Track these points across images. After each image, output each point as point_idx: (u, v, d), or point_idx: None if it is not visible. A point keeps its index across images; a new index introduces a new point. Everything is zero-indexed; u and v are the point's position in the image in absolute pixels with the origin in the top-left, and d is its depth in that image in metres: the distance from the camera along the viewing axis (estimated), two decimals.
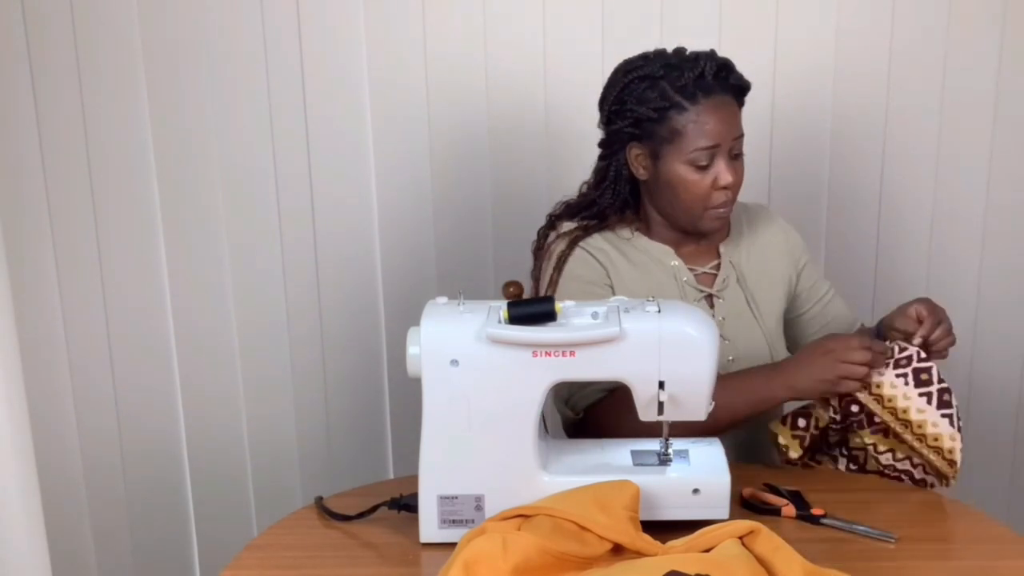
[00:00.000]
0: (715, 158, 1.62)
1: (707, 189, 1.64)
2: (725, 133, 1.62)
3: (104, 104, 2.08)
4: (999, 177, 2.21)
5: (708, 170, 1.63)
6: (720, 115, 1.61)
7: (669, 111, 1.62)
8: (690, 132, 1.61)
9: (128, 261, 2.17)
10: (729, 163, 1.63)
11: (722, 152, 1.62)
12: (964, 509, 1.50)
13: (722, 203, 1.65)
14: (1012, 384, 2.33)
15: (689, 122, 1.61)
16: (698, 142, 1.61)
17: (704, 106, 1.61)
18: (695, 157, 1.62)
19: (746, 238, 1.78)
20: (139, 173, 2.13)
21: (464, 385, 1.37)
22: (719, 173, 1.63)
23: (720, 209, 1.66)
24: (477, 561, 1.21)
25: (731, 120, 1.63)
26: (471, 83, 2.13)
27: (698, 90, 1.60)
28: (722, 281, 1.73)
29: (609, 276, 1.70)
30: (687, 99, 1.61)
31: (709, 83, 1.61)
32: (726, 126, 1.62)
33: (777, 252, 1.79)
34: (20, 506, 1.71)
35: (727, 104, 1.63)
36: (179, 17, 2.06)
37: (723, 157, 1.63)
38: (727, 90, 1.63)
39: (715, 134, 1.61)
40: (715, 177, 1.63)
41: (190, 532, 2.33)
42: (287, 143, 2.14)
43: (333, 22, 2.10)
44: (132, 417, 2.24)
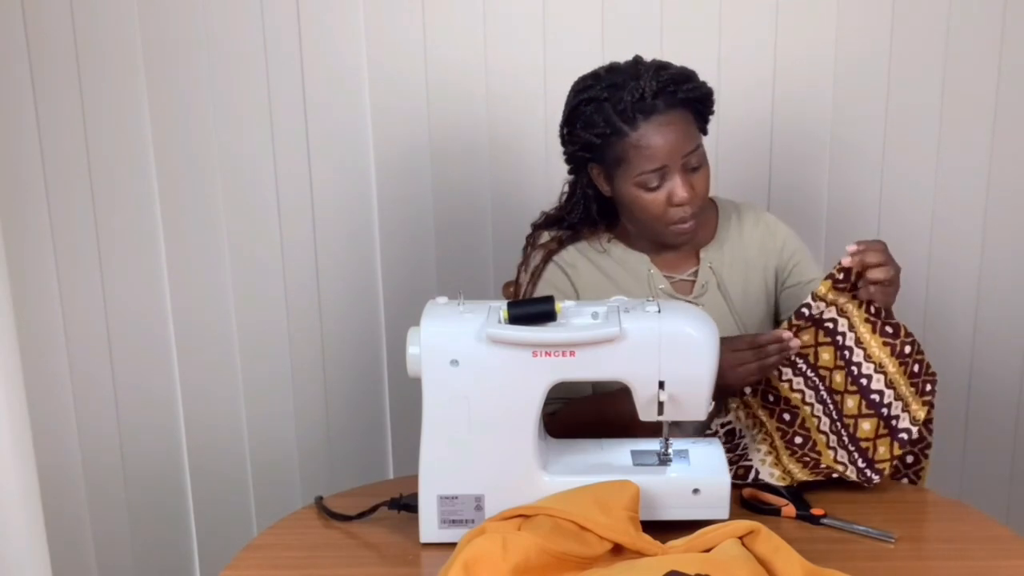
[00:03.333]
0: (667, 176, 1.59)
1: (662, 207, 1.61)
2: (671, 152, 1.58)
3: (104, 104, 2.08)
4: (999, 177, 2.21)
5: (661, 188, 1.60)
6: (663, 135, 1.57)
7: (611, 136, 1.59)
8: (632, 157, 1.59)
9: (128, 261, 2.17)
10: (684, 178, 1.59)
11: (673, 170, 1.59)
12: (964, 509, 1.50)
13: (680, 218, 1.62)
14: (1012, 384, 2.33)
15: (630, 147, 1.58)
16: (642, 166, 1.58)
17: (645, 129, 1.57)
18: (643, 180, 1.60)
19: (731, 241, 1.75)
20: (139, 173, 2.13)
21: (464, 385, 1.37)
22: (672, 190, 1.60)
23: (680, 224, 1.63)
24: (477, 561, 1.21)
25: (678, 137, 1.58)
26: (471, 83, 2.13)
27: (637, 112, 1.56)
28: (700, 287, 1.72)
29: (576, 291, 1.70)
30: (626, 123, 1.57)
31: (649, 103, 1.56)
32: (672, 145, 1.57)
33: (762, 255, 1.75)
34: (20, 506, 1.71)
35: (671, 121, 1.58)
36: (179, 17, 2.06)
37: (676, 173, 1.59)
38: (675, 105, 1.58)
39: (660, 156, 1.57)
40: (669, 194, 1.60)
41: (190, 532, 2.33)
42: (287, 143, 2.14)
43: (333, 22, 2.10)
44: (132, 417, 2.24)
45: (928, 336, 2.30)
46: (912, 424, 1.47)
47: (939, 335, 2.30)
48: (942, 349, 2.30)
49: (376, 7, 2.09)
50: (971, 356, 2.31)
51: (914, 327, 2.26)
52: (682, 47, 2.09)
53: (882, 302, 1.50)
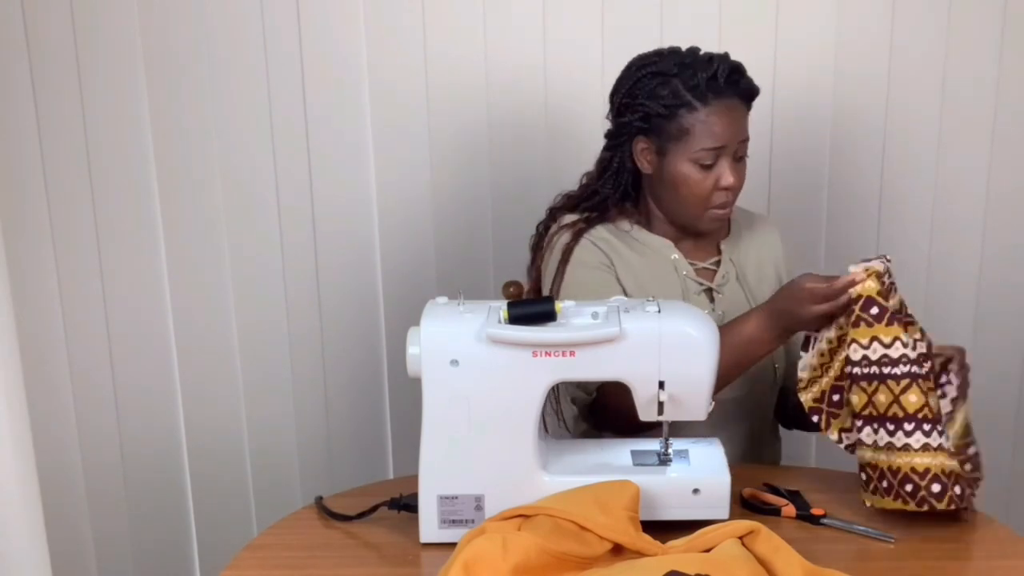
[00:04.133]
0: (719, 159, 1.64)
1: (709, 189, 1.65)
2: (731, 136, 1.63)
3: (104, 104, 2.08)
4: (999, 177, 2.21)
5: (711, 170, 1.64)
6: (728, 118, 1.63)
7: (679, 109, 1.63)
8: (697, 131, 1.63)
9: (128, 261, 2.17)
10: (733, 165, 1.65)
11: (727, 154, 1.64)
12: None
13: (722, 203, 1.67)
14: (1012, 384, 2.33)
15: (697, 122, 1.63)
16: (704, 142, 1.63)
17: (713, 107, 1.62)
18: (700, 156, 1.63)
19: (745, 240, 1.80)
20: (139, 173, 2.13)
21: (464, 385, 1.37)
22: (722, 174, 1.64)
23: (719, 210, 1.68)
24: (477, 561, 1.21)
25: (738, 123, 1.65)
26: (471, 83, 2.13)
27: (709, 91, 1.62)
28: (722, 277, 1.74)
29: (613, 264, 1.70)
30: (698, 99, 1.62)
31: (720, 85, 1.62)
32: (733, 129, 1.63)
33: (769, 253, 1.81)
34: (20, 506, 1.72)
35: (736, 107, 1.64)
36: (179, 18, 2.06)
37: (727, 159, 1.64)
38: (737, 94, 1.64)
39: (722, 136, 1.62)
40: (717, 177, 1.64)
41: (190, 532, 2.33)
42: (287, 143, 2.14)
43: (333, 22, 2.10)
44: (132, 417, 2.24)
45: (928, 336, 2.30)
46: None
47: (939, 335, 2.29)
48: None
49: (376, 7, 2.09)
50: (971, 356, 2.31)
51: None
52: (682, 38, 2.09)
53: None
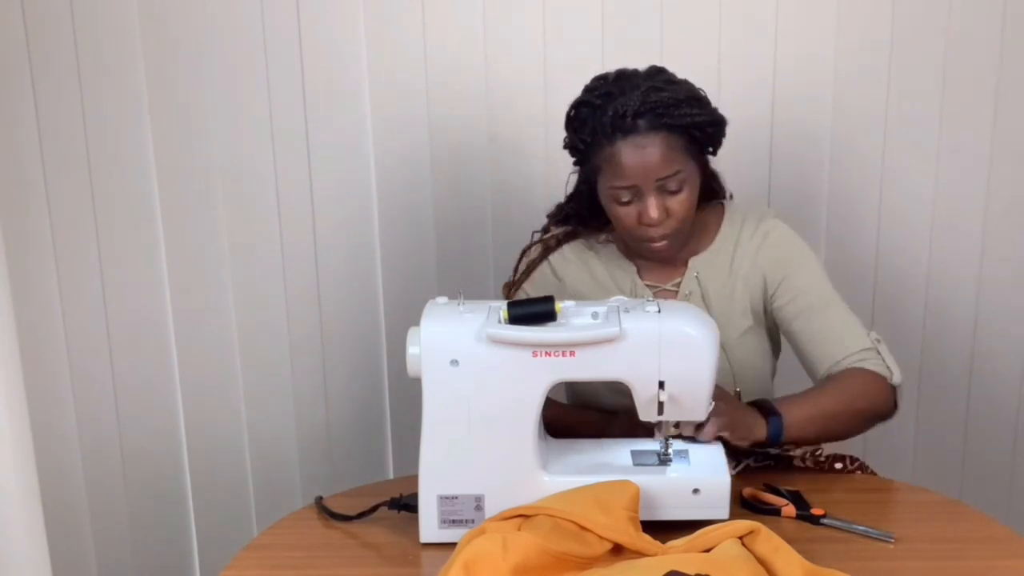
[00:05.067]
0: (639, 194, 1.58)
1: (634, 222, 1.61)
2: (642, 174, 1.55)
3: (104, 104, 2.08)
4: (999, 177, 2.21)
5: (632, 204, 1.59)
6: (637, 156, 1.55)
7: (592, 145, 1.58)
8: (606, 169, 1.58)
9: (128, 261, 2.17)
10: (657, 200, 1.57)
11: (647, 190, 1.57)
12: (964, 509, 1.50)
13: (651, 237, 1.61)
14: (1012, 384, 2.33)
15: (605, 160, 1.57)
16: (613, 180, 1.58)
17: (620, 146, 1.55)
18: (614, 194, 1.59)
19: (726, 251, 1.71)
20: (139, 173, 2.13)
21: (464, 385, 1.37)
22: (643, 210, 1.58)
23: (653, 243, 1.62)
24: (477, 561, 1.21)
25: (653, 161, 1.55)
26: (471, 83, 2.13)
27: (617, 129, 1.54)
28: (683, 296, 1.71)
29: (565, 291, 1.71)
30: (606, 136, 1.56)
31: (629, 123, 1.54)
32: (644, 168, 1.55)
33: (754, 266, 1.70)
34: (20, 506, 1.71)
35: (650, 144, 1.54)
36: (179, 17, 2.06)
37: (650, 194, 1.57)
38: (658, 128, 1.54)
39: (630, 175, 1.56)
40: (639, 212, 1.59)
41: (190, 532, 2.33)
42: (287, 143, 2.14)
43: (333, 22, 2.10)
44: (132, 417, 2.24)
45: (928, 336, 2.30)
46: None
47: (939, 335, 2.30)
48: (942, 349, 2.30)
49: (376, 7, 2.09)
50: (971, 356, 2.31)
51: (914, 327, 2.29)
52: (682, 47, 2.09)
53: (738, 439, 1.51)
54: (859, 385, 1.62)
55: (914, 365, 2.30)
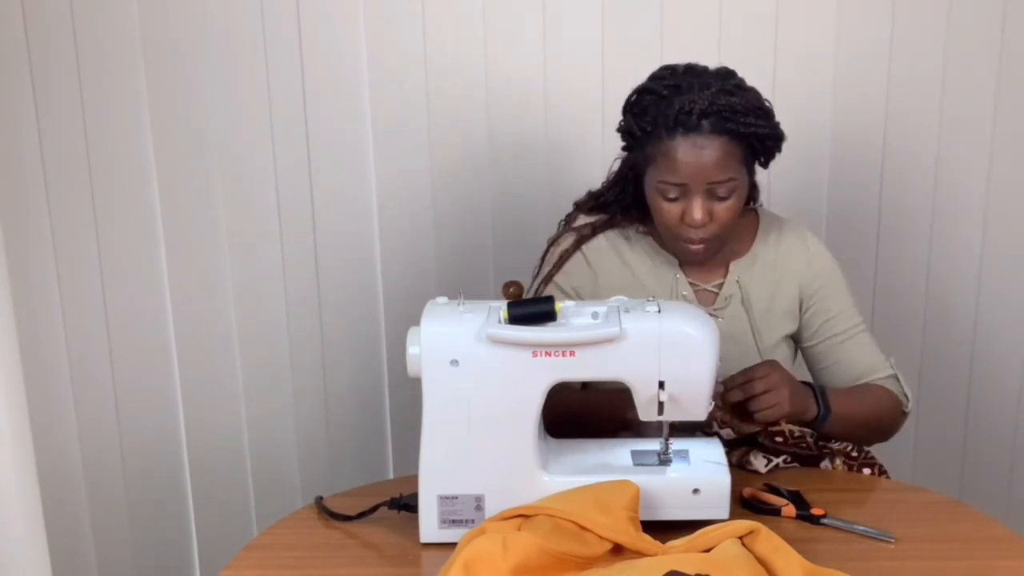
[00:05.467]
0: (687, 193, 1.56)
1: (676, 220, 1.59)
2: (695, 174, 1.54)
3: (104, 104, 2.08)
4: (999, 177, 2.21)
5: (678, 202, 1.58)
6: (693, 155, 1.53)
7: (651, 135, 1.56)
8: (660, 162, 1.56)
9: (128, 261, 2.17)
10: (704, 202, 1.56)
11: (694, 191, 1.55)
12: (964, 509, 1.50)
13: (688, 238, 1.60)
14: (1012, 384, 2.33)
15: (659, 153, 1.55)
16: (665, 175, 1.56)
17: (679, 142, 1.53)
18: (662, 188, 1.58)
19: (766, 258, 1.71)
20: (139, 173, 2.13)
21: (464, 385, 1.37)
22: (688, 209, 1.57)
23: (690, 244, 1.61)
24: (477, 561, 1.21)
25: (709, 164, 1.53)
26: (471, 83, 2.13)
27: (679, 124, 1.53)
28: (724, 300, 1.70)
29: (598, 289, 1.69)
30: (666, 129, 1.54)
31: (693, 121, 1.52)
32: (698, 169, 1.53)
33: (793, 274, 1.71)
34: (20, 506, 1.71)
35: (709, 146, 1.53)
36: (179, 17, 2.06)
37: (697, 195, 1.55)
38: (720, 131, 1.53)
39: (682, 173, 1.54)
40: (684, 211, 1.58)
41: (190, 532, 2.33)
42: (287, 143, 2.14)
43: (333, 22, 2.10)
44: (132, 417, 2.24)
45: (928, 336, 2.30)
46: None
47: (939, 335, 2.30)
48: (942, 349, 2.30)
49: (376, 7, 2.09)
50: (971, 356, 2.31)
51: (914, 327, 2.29)
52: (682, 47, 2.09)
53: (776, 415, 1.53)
54: (887, 404, 1.70)
55: (914, 365, 2.30)
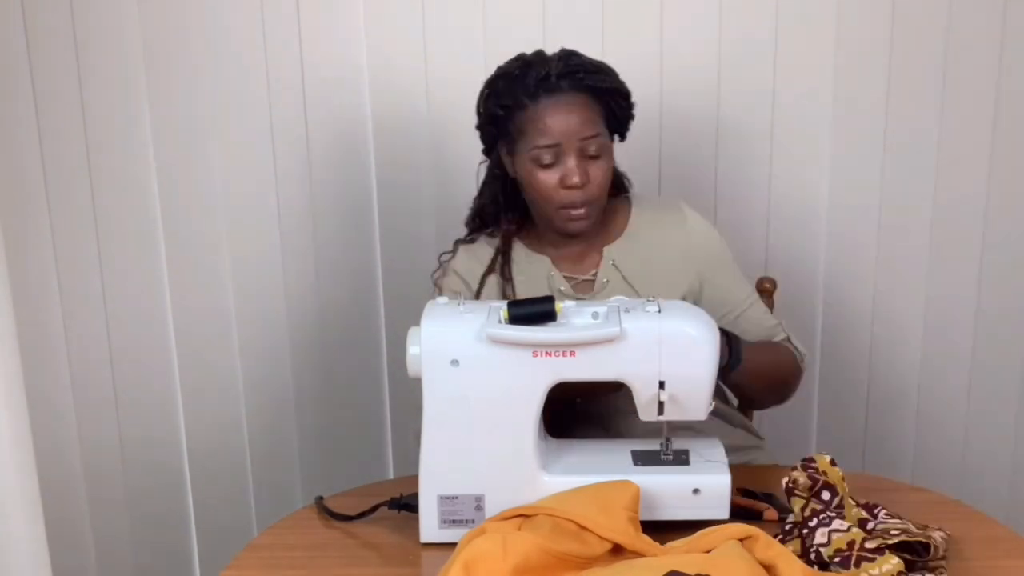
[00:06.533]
0: (562, 156, 1.60)
1: (554, 187, 1.62)
2: (566, 132, 1.59)
3: (104, 104, 2.08)
4: (999, 177, 2.21)
5: (554, 168, 1.61)
6: (562, 114, 1.59)
7: (513, 109, 1.62)
8: (529, 130, 1.61)
9: (128, 261, 2.17)
10: (579, 163, 1.60)
11: (569, 151, 1.60)
12: (964, 509, 1.50)
13: (571, 203, 1.62)
14: (1012, 384, 2.33)
15: (529, 120, 1.61)
16: (537, 139, 1.60)
17: (544, 104, 1.60)
18: (536, 155, 1.61)
19: (640, 236, 1.72)
20: (139, 173, 2.13)
21: (464, 385, 1.37)
22: (565, 172, 1.60)
23: (572, 210, 1.63)
24: (477, 561, 1.21)
25: (575, 120, 1.59)
26: (471, 82, 2.12)
27: (540, 88, 1.59)
28: (601, 284, 1.70)
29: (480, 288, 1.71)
30: (528, 97, 1.60)
31: (553, 83, 1.59)
32: (567, 125, 1.59)
33: (676, 253, 1.71)
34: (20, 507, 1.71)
35: (573, 104, 1.60)
36: (179, 17, 2.06)
37: (571, 155, 1.60)
38: (579, 89, 1.60)
39: (553, 132, 1.59)
40: (561, 175, 1.61)
41: (190, 532, 2.33)
42: (287, 143, 2.14)
43: (333, 22, 2.10)
44: (132, 417, 2.24)
45: (928, 336, 2.30)
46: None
47: (939, 335, 2.30)
48: (942, 349, 2.30)
49: (376, 7, 2.09)
50: (971, 356, 2.31)
51: (913, 328, 2.29)
52: (681, 43, 2.09)
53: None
54: (789, 360, 1.71)
55: (914, 365, 2.31)
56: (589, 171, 1.61)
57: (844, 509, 1.37)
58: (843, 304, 2.27)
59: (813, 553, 1.29)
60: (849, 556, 1.26)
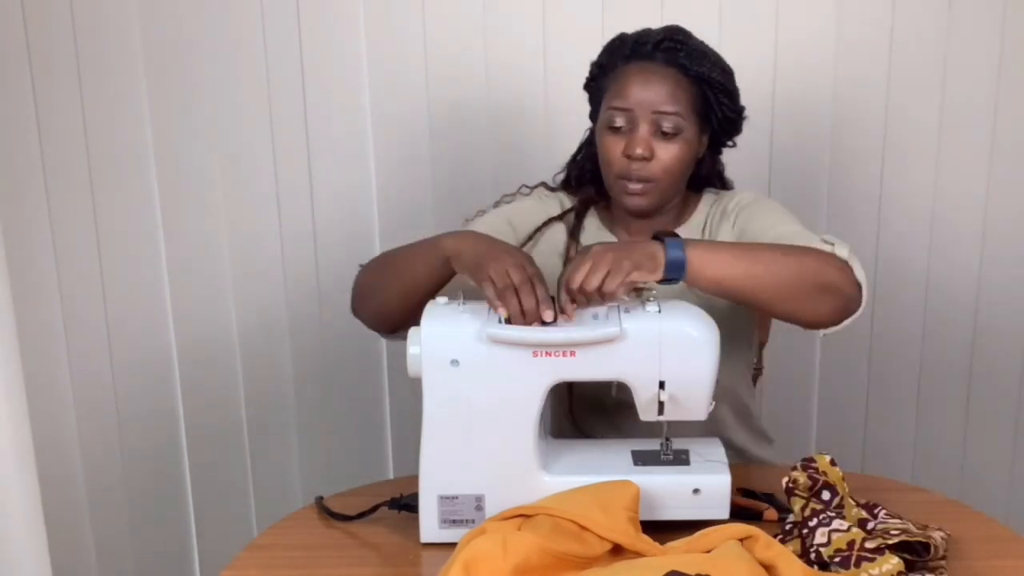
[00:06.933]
0: (634, 125, 1.57)
1: (617, 153, 1.59)
2: (643, 101, 1.56)
3: (104, 104, 2.08)
4: (999, 177, 2.21)
5: (623, 134, 1.58)
6: (642, 80, 1.56)
7: (607, 69, 1.62)
8: (610, 90, 1.60)
9: (128, 261, 2.17)
10: (648, 135, 1.56)
11: (642, 120, 1.56)
12: (964, 509, 1.50)
13: (628, 174, 1.58)
14: (1012, 384, 2.33)
15: (612, 80, 1.60)
16: (613, 100, 1.59)
17: (630, 69, 1.58)
18: (610, 116, 1.59)
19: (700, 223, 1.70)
20: (139, 172, 2.13)
21: (464, 385, 1.37)
22: (630, 140, 1.57)
23: (630, 182, 1.58)
24: (477, 561, 1.21)
25: (657, 92, 1.56)
26: (471, 80, 2.13)
27: (634, 53, 1.58)
28: None
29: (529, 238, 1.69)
30: (622, 59, 1.60)
31: (647, 51, 1.57)
32: (646, 94, 1.56)
33: (725, 229, 1.66)
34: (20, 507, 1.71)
35: (657, 73, 1.56)
36: (179, 17, 2.06)
37: (644, 127, 1.56)
38: (671, 64, 1.56)
39: (631, 98, 1.56)
40: (627, 143, 1.58)
41: (190, 532, 2.33)
42: (287, 141, 2.14)
43: (333, 22, 2.10)
44: (132, 417, 2.24)
45: (928, 335, 2.30)
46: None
47: (939, 335, 2.30)
48: (942, 349, 2.30)
49: (376, 6, 2.09)
50: (971, 355, 2.31)
51: (914, 326, 2.29)
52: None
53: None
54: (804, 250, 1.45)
55: (914, 365, 2.31)
56: (656, 148, 1.57)
57: (844, 509, 1.37)
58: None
59: (813, 553, 1.29)
60: (849, 556, 1.26)
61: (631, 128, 1.58)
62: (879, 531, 1.32)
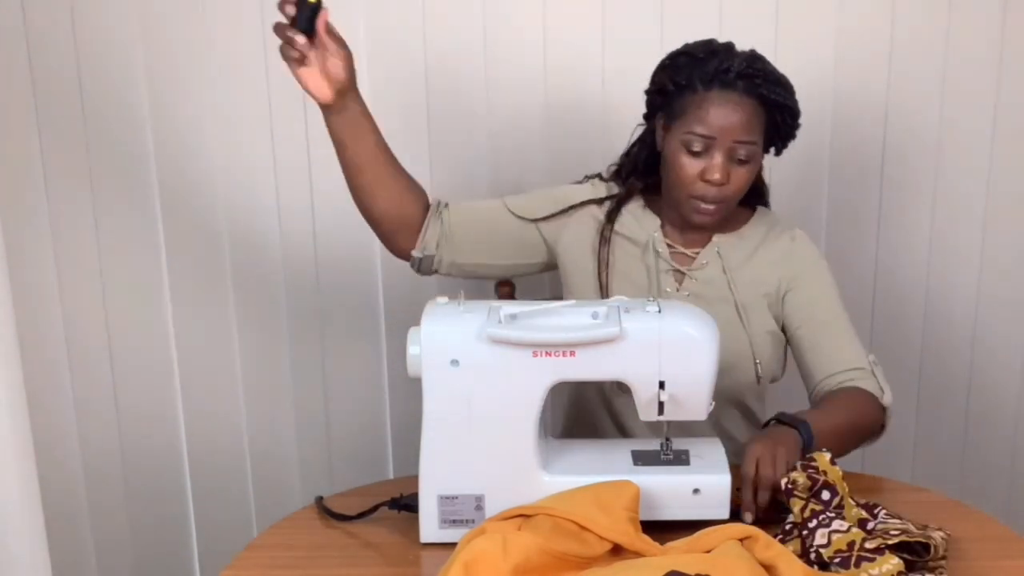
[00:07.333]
0: (711, 150, 1.62)
1: (694, 176, 1.63)
2: (724, 129, 1.60)
3: (104, 106, 2.08)
4: (999, 176, 2.21)
5: (700, 158, 1.63)
6: (725, 110, 1.61)
7: (685, 88, 1.63)
8: (691, 114, 1.62)
9: (128, 261, 2.17)
10: (725, 162, 1.62)
11: (720, 147, 1.61)
12: (964, 509, 1.50)
13: (703, 196, 1.64)
14: (1012, 384, 2.33)
15: (694, 104, 1.62)
16: (694, 126, 1.62)
17: (714, 96, 1.61)
18: (688, 140, 1.62)
19: (750, 241, 1.75)
20: (139, 173, 2.13)
21: (464, 385, 1.37)
22: (709, 166, 1.62)
23: (702, 202, 1.65)
24: (477, 561, 1.21)
25: (738, 121, 1.61)
26: (471, 82, 2.13)
27: (716, 79, 1.61)
28: (702, 263, 1.72)
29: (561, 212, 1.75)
30: (702, 84, 1.62)
31: (730, 79, 1.60)
32: (728, 123, 1.60)
33: (776, 256, 1.74)
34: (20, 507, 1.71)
35: (740, 104, 1.61)
36: (179, 17, 2.06)
37: (721, 153, 1.62)
38: (752, 94, 1.61)
39: (712, 125, 1.61)
40: (704, 168, 1.63)
41: (190, 532, 2.33)
42: (287, 142, 2.14)
43: (333, 22, 2.10)
44: (132, 418, 2.24)
45: (928, 337, 2.30)
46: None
47: (939, 336, 2.30)
48: (942, 349, 2.30)
49: (376, 6, 2.09)
50: (971, 356, 2.31)
51: (914, 328, 2.29)
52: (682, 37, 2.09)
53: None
54: (859, 404, 1.63)
55: (914, 365, 2.31)
56: (732, 173, 1.63)
57: (844, 509, 1.37)
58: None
59: (813, 554, 1.29)
60: (849, 556, 1.26)
61: (707, 152, 1.62)
62: (879, 531, 1.32)
